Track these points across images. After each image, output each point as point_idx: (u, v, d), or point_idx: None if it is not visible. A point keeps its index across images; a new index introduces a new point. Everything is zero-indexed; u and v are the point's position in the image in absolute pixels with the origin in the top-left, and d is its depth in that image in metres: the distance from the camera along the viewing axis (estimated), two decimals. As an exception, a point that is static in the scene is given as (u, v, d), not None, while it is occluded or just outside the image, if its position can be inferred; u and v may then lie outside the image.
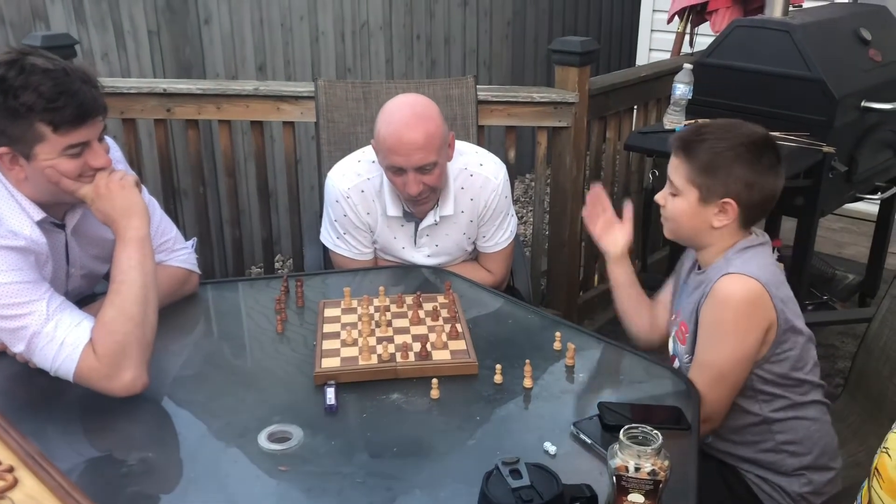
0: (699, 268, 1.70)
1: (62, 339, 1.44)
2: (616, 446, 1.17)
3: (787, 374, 1.62)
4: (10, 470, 1.12)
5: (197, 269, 1.89)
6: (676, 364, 1.70)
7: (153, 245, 1.78)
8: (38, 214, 1.55)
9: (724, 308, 1.54)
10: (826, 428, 1.68)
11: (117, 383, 1.44)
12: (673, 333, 1.74)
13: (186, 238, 1.92)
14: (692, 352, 1.62)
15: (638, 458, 1.15)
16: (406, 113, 1.90)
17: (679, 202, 1.63)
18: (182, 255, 1.86)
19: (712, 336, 1.57)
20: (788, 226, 3.00)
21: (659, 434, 1.17)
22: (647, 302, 1.89)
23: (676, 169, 1.62)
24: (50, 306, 1.47)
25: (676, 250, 3.11)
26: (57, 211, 1.61)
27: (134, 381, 1.45)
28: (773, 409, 1.63)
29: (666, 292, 1.87)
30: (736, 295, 1.53)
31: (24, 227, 1.52)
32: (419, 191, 1.94)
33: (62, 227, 1.65)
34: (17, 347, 1.47)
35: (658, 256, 3.65)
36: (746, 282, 1.53)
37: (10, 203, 1.53)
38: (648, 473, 1.14)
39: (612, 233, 1.90)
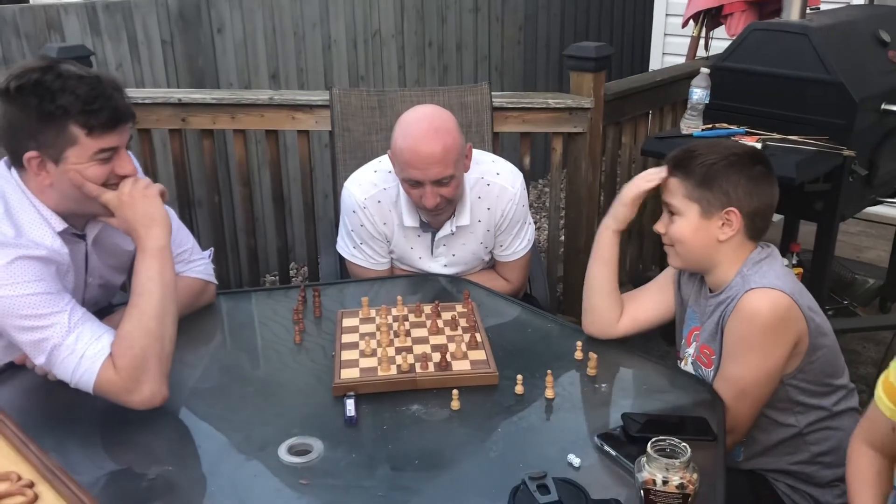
0: (710, 290, 1.67)
1: (82, 352, 1.44)
2: (643, 459, 1.15)
3: (821, 381, 1.59)
4: (31, 485, 1.12)
5: (214, 280, 1.89)
6: None
7: (178, 259, 1.78)
8: (60, 225, 1.55)
9: (750, 323, 1.51)
10: None
11: (136, 397, 1.44)
12: (691, 358, 1.70)
13: (202, 248, 1.91)
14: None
15: (666, 471, 1.13)
16: (423, 126, 1.89)
17: (680, 223, 1.61)
18: (199, 265, 1.85)
19: (738, 351, 1.54)
20: (808, 230, 2.96)
21: (687, 447, 1.15)
22: (617, 290, 1.84)
23: (672, 190, 1.61)
24: (72, 318, 1.46)
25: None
26: (78, 222, 1.61)
27: (153, 395, 1.45)
28: (809, 422, 1.61)
29: (647, 293, 1.84)
30: (763, 310, 1.50)
31: (45, 237, 1.52)
32: (436, 203, 1.92)
33: (82, 237, 1.65)
34: (39, 359, 1.46)
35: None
36: (774, 295, 1.51)
37: (32, 213, 1.52)
38: (677, 487, 1.13)
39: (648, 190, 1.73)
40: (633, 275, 3.50)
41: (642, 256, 3.56)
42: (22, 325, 1.44)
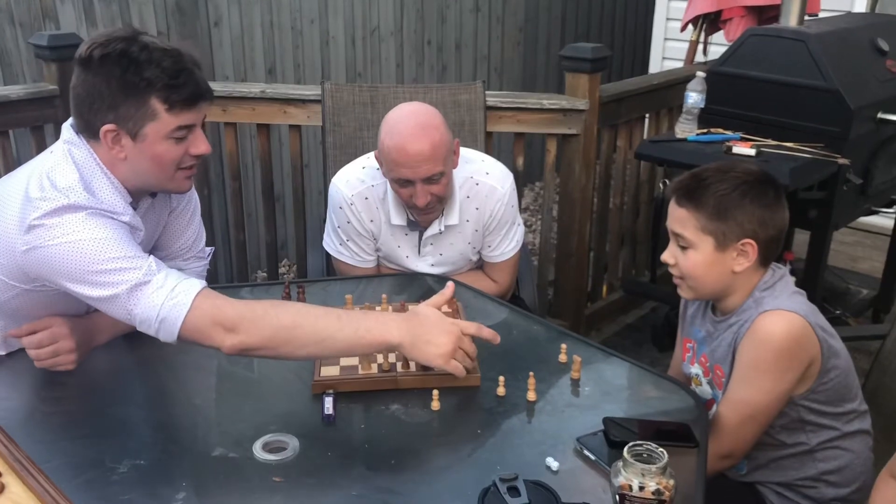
0: (719, 313, 1.64)
1: (174, 285, 1.39)
2: (620, 464, 1.13)
3: (834, 402, 1.57)
4: (-3, 476, 1.10)
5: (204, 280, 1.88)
6: (715, 409, 1.65)
7: (190, 252, 1.79)
8: (128, 197, 1.52)
9: (764, 346, 1.49)
10: (868, 463, 1.63)
11: (229, 339, 1.38)
12: (704, 378, 1.67)
13: None
14: None
15: (642, 476, 1.11)
16: (410, 123, 1.86)
17: (694, 256, 1.56)
18: (200, 266, 1.84)
19: (749, 374, 1.52)
20: (801, 239, 2.95)
21: (664, 452, 1.13)
22: None
23: (684, 221, 1.55)
24: (158, 263, 1.42)
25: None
26: (139, 196, 1.58)
27: (244, 346, 1.40)
28: (820, 441, 1.59)
29: (679, 353, 1.82)
30: (778, 332, 1.48)
31: (119, 205, 1.49)
32: (428, 201, 1.90)
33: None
34: (112, 305, 1.39)
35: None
36: (789, 318, 1.48)
37: (106, 182, 1.48)
38: (653, 493, 1.11)
39: None
40: (624, 280, 3.49)
41: (635, 262, 3.55)
42: (97, 269, 1.38)
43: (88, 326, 1.57)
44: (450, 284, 1.62)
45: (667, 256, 1.61)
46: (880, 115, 2.64)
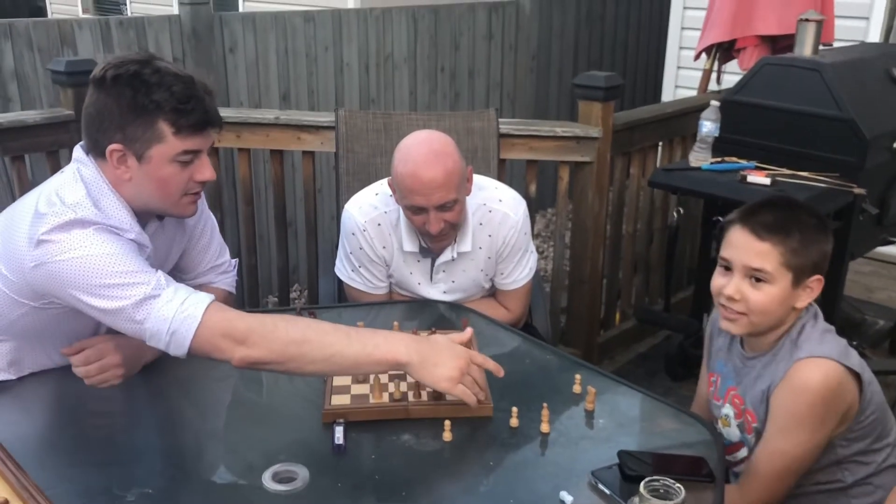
0: (748, 349, 1.61)
1: (184, 299, 1.39)
2: (636, 500, 1.11)
3: (872, 438, 1.54)
4: (5, 502, 1.08)
5: (234, 291, 1.90)
6: (744, 452, 1.62)
7: (209, 265, 1.81)
8: (134, 217, 1.53)
9: (801, 397, 1.46)
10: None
11: (238, 352, 1.38)
12: (735, 420, 1.63)
13: None
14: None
15: (659, 513, 1.08)
16: (423, 151, 1.86)
17: (770, 291, 1.49)
18: (229, 278, 1.87)
19: (785, 425, 1.49)
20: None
21: (682, 488, 1.11)
22: None
23: (765, 255, 1.48)
24: (167, 278, 1.43)
25: (701, 290, 3.06)
26: (145, 218, 1.59)
27: (253, 360, 1.40)
28: (856, 479, 1.55)
29: (702, 397, 1.79)
30: (814, 384, 1.45)
31: (126, 222, 1.50)
32: (441, 228, 1.90)
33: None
34: (120, 319, 1.39)
35: (681, 296, 3.57)
36: (826, 368, 1.45)
37: (113, 199, 1.50)
38: (670, 530, 1.08)
39: None
40: (637, 308, 3.46)
41: (648, 290, 3.52)
42: (105, 283, 1.38)
43: (135, 344, 1.57)
44: (469, 330, 1.60)
45: (732, 291, 1.52)
46: (896, 145, 2.62)
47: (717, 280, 1.58)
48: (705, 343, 1.78)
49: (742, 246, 1.52)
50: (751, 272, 1.51)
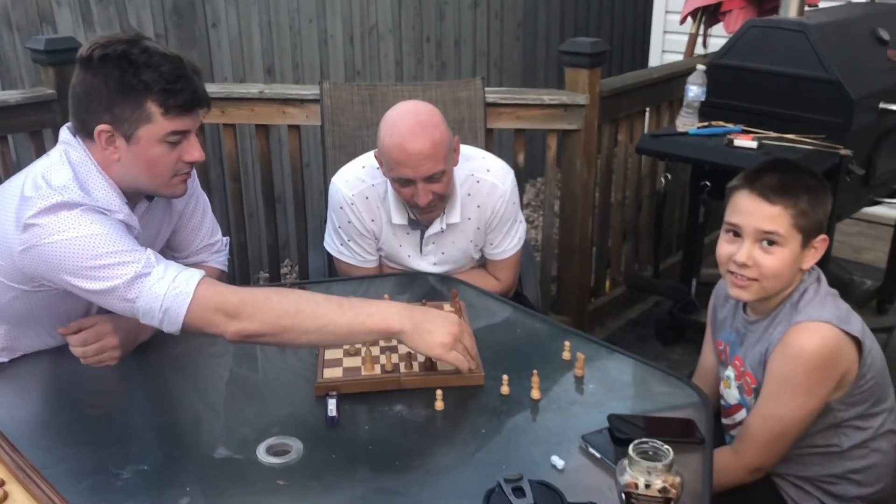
0: (751, 313, 1.62)
1: (175, 276, 1.40)
2: (625, 462, 1.13)
3: (870, 402, 1.55)
4: (1, 484, 1.09)
5: (226, 270, 1.91)
6: (743, 414, 1.63)
7: (202, 244, 1.82)
8: (123, 198, 1.53)
9: (796, 362, 1.47)
10: (892, 462, 1.62)
11: (232, 325, 1.39)
12: (735, 382, 1.65)
13: None
14: None
15: (648, 474, 1.10)
16: (409, 122, 1.85)
17: (782, 254, 1.49)
18: (222, 256, 1.88)
19: (780, 389, 1.50)
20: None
21: (670, 450, 1.12)
22: None
23: (777, 218, 1.48)
24: (157, 255, 1.43)
25: (689, 256, 3.07)
26: (134, 199, 1.58)
27: (247, 334, 1.40)
28: (853, 444, 1.57)
29: (707, 366, 1.80)
30: (810, 349, 1.46)
31: (115, 204, 1.50)
32: (429, 200, 1.90)
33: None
34: (110, 298, 1.39)
35: (670, 262, 3.59)
36: (822, 332, 1.46)
37: (101, 181, 1.49)
38: (659, 491, 1.10)
39: None
40: (627, 275, 3.48)
41: (638, 256, 3.53)
42: (95, 264, 1.38)
43: (132, 324, 1.58)
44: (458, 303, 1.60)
45: (744, 258, 1.50)
46: (882, 105, 2.62)
47: (726, 248, 1.55)
48: (709, 314, 1.78)
49: (752, 210, 1.51)
50: (762, 236, 1.50)
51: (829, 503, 1.60)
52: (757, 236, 1.50)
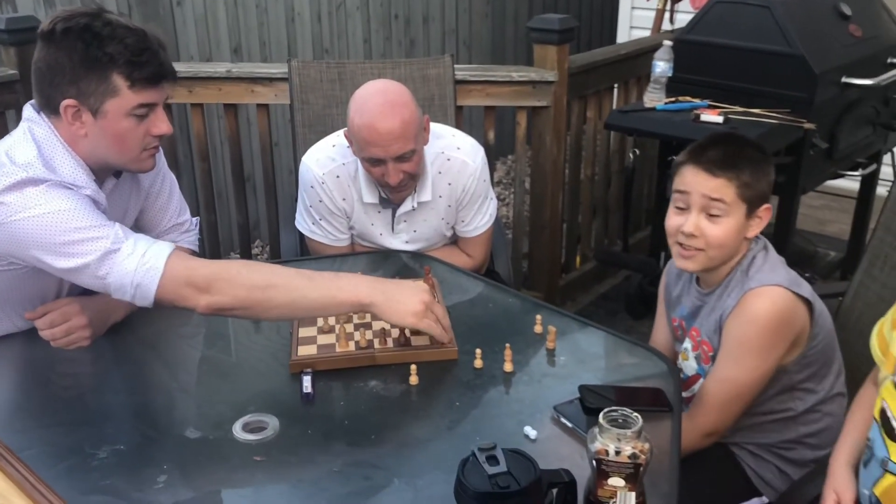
0: (703, 285, 1.66)
1: (144, 251, 1.39)
2: (596, 430, 1.15)
3: (822, 364, 1.60)
4: (-25, 468, 1.09)
5: (197, 250, 1.89)
6: (699, 385, 1.66)
7: (170, 224, 1.80)
8: (90, 174, 1.51)
9: (750, 325, 1.51)
10: (842, 424, 1.67)
11: (203, 299, 1.39)
12: (692, 353, 1.68)
13: None
14: None
15: (618, 441, 1.13)
16: (378, 101, 1.85)
17: (727, 223, 1.54)
18: (192, 236, 1.86)
19: (736, 352, 1.54)
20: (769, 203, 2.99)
21: (639, 417, 1.15)
22: None
23: (722, 189, 1.53)
24: (125, 230, 1.42)
25: (658, 230, 3.11)
26: (102, 175, 1.56)
27: (218, 306, 1.41)
28: (806, 407, 1.61)
29: (660, 330, 1.83)
30: (764, 311, 1.50)
31: (81, 180, 1.48)
32: (400, 180, 1.90)
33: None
34: (84, 275, 1.39)
35: (639, 237, 3.64)
36: (775, 295, 1.50)
37: (67, 158, 1.48)
38: (629, 457, 1.13)
39: None
40: (598, 250, 3.52)
41: (608, 231, 3.57)
42: (65, 240, 1.38)
43: (101, 305, 1.58)
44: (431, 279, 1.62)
45: (691, 228, 1.55)
46: (844, 80, 2.67)
47: (674, 219, 1.61)
48: (661, 293, 1.82)
49: (697, 184, 1.56)
50: (709, 204, 1.54)
51: (786, 468, 1.65)
52: (703, 206, 1.55)
